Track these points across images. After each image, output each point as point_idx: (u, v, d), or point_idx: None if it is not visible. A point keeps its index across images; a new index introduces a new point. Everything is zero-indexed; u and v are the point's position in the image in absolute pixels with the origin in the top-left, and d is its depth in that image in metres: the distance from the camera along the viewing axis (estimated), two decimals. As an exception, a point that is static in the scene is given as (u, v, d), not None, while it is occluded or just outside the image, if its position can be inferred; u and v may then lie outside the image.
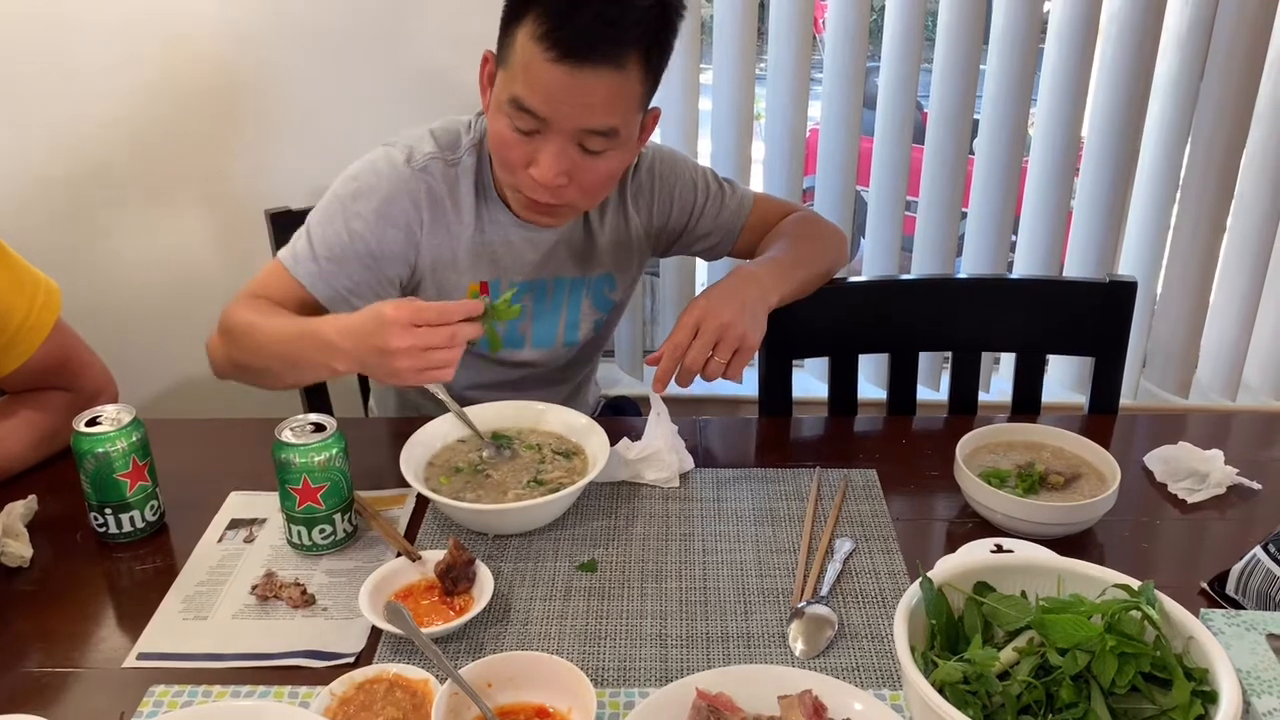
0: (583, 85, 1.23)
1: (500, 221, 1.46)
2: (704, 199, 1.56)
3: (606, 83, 1.24)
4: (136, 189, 2.15)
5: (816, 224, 1.59)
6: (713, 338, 1.30)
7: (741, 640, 1.08)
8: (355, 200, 1.39)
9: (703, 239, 1.60)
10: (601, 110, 1.26)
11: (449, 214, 1.43)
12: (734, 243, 1.61)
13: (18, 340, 1.35)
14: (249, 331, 1.33)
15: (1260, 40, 2.03)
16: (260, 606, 1.13)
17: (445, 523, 1.27)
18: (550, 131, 1.27)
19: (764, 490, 1.34)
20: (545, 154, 1.28)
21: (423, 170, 1.41)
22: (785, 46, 2.08)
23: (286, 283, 1.39)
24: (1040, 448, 1.34)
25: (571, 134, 1.27)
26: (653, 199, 1.54)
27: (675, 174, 1.55)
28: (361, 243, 1.39)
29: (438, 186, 1.42)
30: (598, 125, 1.27)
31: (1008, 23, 2.05)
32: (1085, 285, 1.64)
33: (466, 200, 1.44)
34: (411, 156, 1.41)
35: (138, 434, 1.22)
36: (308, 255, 1.39)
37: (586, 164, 1.30)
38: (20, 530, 1.22)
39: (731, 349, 1.31)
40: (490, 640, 1.08)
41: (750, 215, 1.59)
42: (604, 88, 1.24)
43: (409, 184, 1.40)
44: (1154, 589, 0.90)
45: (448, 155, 1.43)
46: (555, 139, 1.27)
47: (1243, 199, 2.21)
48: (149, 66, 2.05)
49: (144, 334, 2.24)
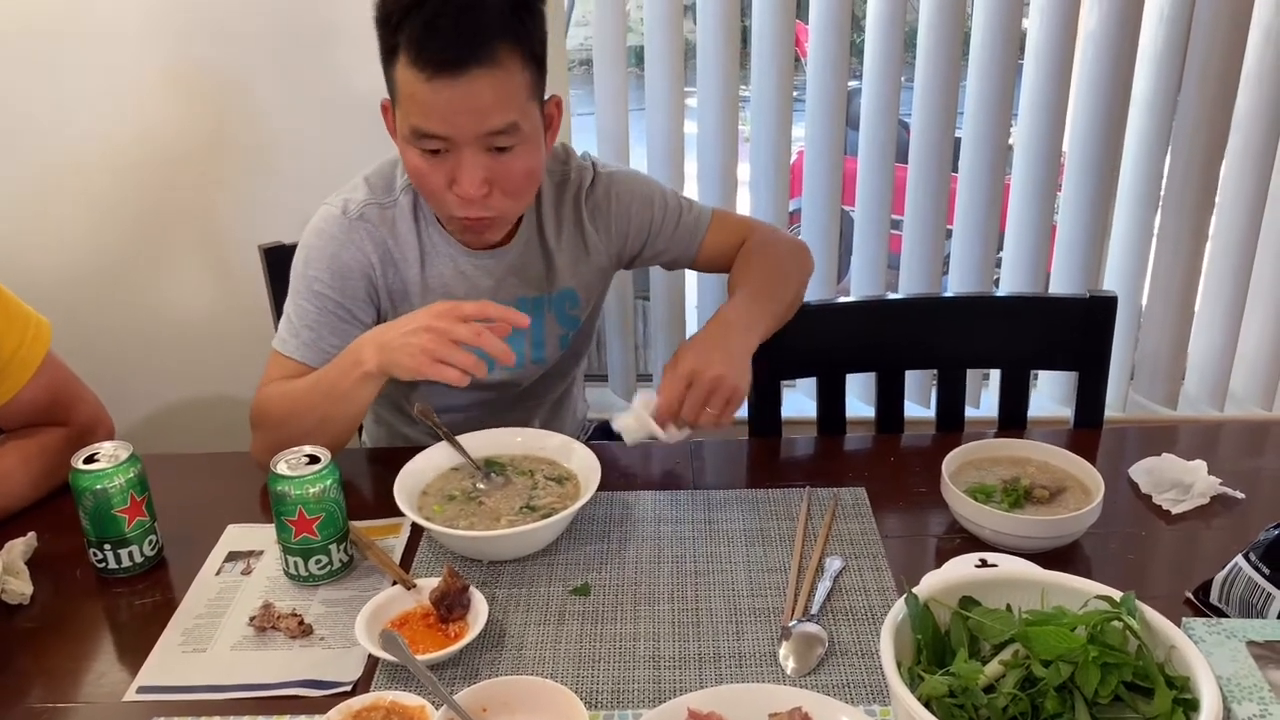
0: (467, 93, 1.27)
1: (447, 253, 1.50)
2: (660, 216, 1.61)
3: (487, 82, 1.28)
4: (130, 224, 2.18)
5: (777, 247, 1.62)
6: (706, 391, 1.33)
7: (733, 660, 1.09)
8: (309, 266, 1.46)
9: (661, 254, 1.65)
10: (494, 111, 1.30)
11: (394, 254, 1.49)
12: (693, 258, 1.65)
13: (8, 373, 1.37)
14: (281, 398, 1.41)
15: (1235, 53, 2.07)
16: (258, 637, 1.15)
17: (440, 550, 1.29)
18: (457, 147, 1.32)
19: (755, 511, 1.36)
20: (461, 170, 1.33)
21: (359, 218, 1.47)
22: (768, 70, 2.11)
23: (285, 364, 1.46)
24: (1026, 462, 1.35)
25: (477, 142, 1.32)
26: (610, 217, 1.59)
27: (632, 193, 1.59)
28: (330, 303, 1.45)
29: (377, 231, 1.47)
30: (496, 125, 1.31)
31: (986, 40, 2.08)
32: (1066, 301, 1.67)
33: (408, 238, 1.49)
34: (346, 208, 1.47)
35: (135, 470, 1.24)
36: (292, 333, 1.46)
37: (502, 166, 1.35)
38: (20, 568, 1.23)
39: (725, 400, 1.34)
40: (485, 666, 1.09)
41: (707, 232, 1.63)
42: (487, 89, 1.28)
43: (351, 234, 1.46)
44: (1134, 599, 0.92)
45: (383, 199, 1.49)
46: (464, 152, 1.32)
47: (1224, 209, 2.23)
48: (143, 105, 2.08)
49: (140, 368, 2.26)
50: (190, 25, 2.03)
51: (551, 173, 1.55)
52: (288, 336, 1.46)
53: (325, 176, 1.64)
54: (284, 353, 1.46)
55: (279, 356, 1.47)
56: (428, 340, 1.25)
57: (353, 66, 2.04)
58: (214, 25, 2.03)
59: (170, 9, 2.01)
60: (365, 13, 1.31)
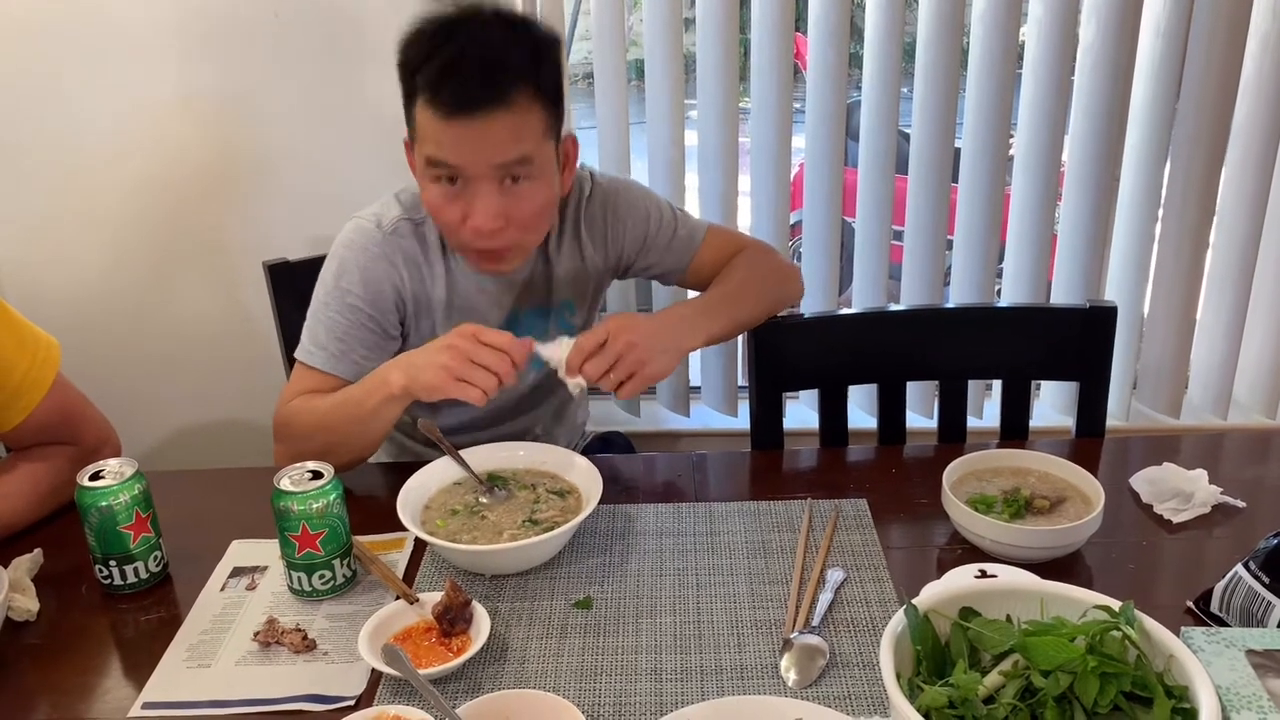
0: (480, 131, 1.32)
1: (469, 273, 1.53)
2: (655, 229, 1.63)
3: (502, 123, 1.32)
4: (136, 243, 2.19)
5: (762, 262, 1.64)
6: (615, 354, 1.36)
7: (735, 672, 1.10)
8: (340, 278, 1.48)
9: (654, 266, 1.66)
10: (508, 146, 1.34)
11: (422, 269, 1.51)
12: (684, 271, 1.66)
13: (20, 395, 1.38)
14: (308, 413, 1.43)
15: (1233, 61, 2.07)
16: (263, 653, 1.15)
17: (443, 565, 1.29)
18: (471, 180, 1.36)
19: (756, 523, 1.36)
20: (476, 202, 1.36)
21: (393, 233, 1.50)
22: (768, 82, 2.12)
23: (312, 376, 1.48)
24: (1027, 473, 1.36)
25: (491, 175, 1.35)
26: (605, 229, 1.61)
27: (628, 205, 1.61)
28: (362, 315, 1.47)
29: (409, 245, 1.50)
30: (509, 158, 1.35)
31: (984, 51, 2.09)
32: (1066, 311, 1.67)
33: (435, 256, 1.52)
34: (380, 223, 1.50)
35: (140, 486, 1.24)
36: (319, 345, 1.48)
37: (516, 200, 1.38)
38: (27, 584, 1.24)
39: (629, 370, 1.36)
40: (488, 680, 1.10)
41: (701, 247, 1.65)
42: (501, 128, 1.32)
43: (383, 247, 1.49)
44: (1133, 609, 0.92)
45: (414, 215, 1.51)
46: (479, 185, 1.36)
47: (1224, 217, 2.24)
48: (150, 125, 2.10)
49: (145, 385, 2.27)
50: (198, 45, 2.04)
51: None
52: (315, 349, 1.48)
53: (331, 195, 1.66)
54: (311, 365, 1.47)
55: (305, 369, 1.48)
56: (450, 359, 1.28)
57: (362, 85, 2.06)
58: (221, 45, 2.04)
59: (178, 29, 2.03)
60: (374, 32, 1.34)
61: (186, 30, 2.03)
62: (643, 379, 1.37)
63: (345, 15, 2.01)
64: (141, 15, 2.02)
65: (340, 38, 2.04)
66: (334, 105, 2.09)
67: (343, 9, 2.01)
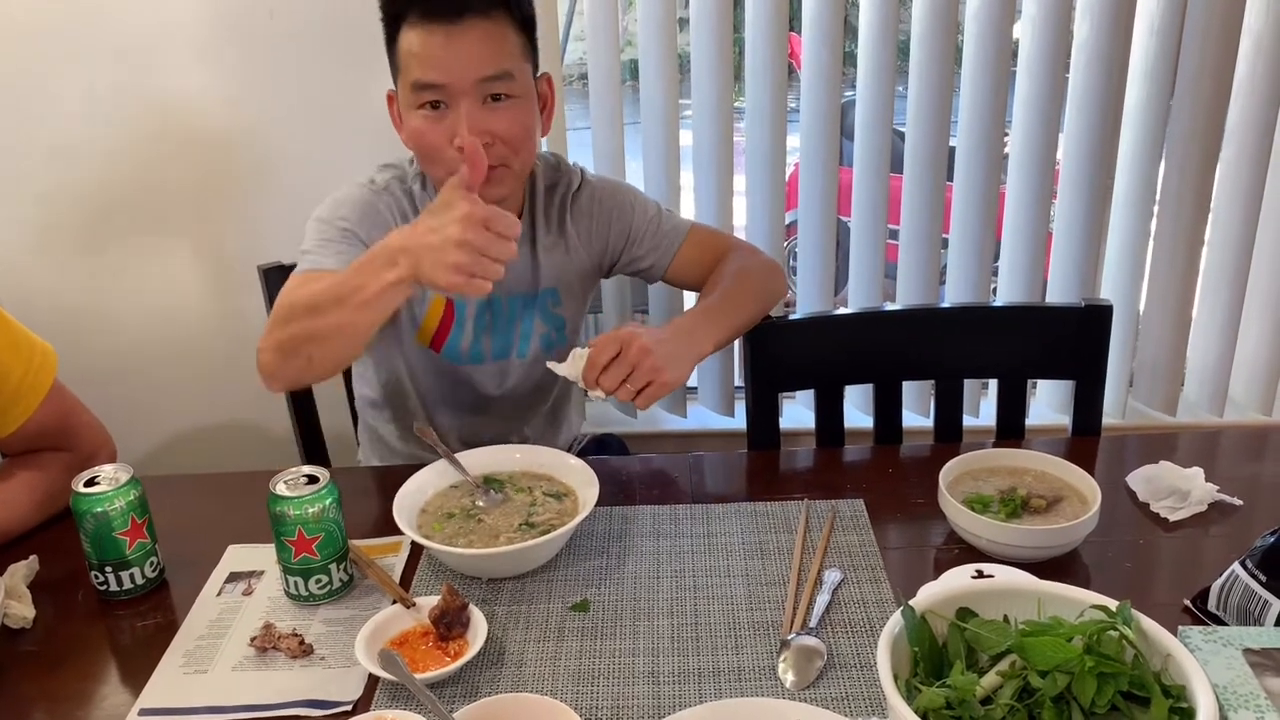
0: (462, 39, 1.37)
1: None
2: (641, 222, 1.65)
3: (482, 31, 1.38)
4: (130, 246, 2.19)
5: (753, 262, 1.65)
6: (630, 364, 1.35)
7: (732, 674, 1.10)
8: (337, 209, 1.50)
9: (639, 260, 1.68)
10: (489, 58, 1.38)
11: None
12: (667, 267, 1.68)
13: (16, 401, 1.37)
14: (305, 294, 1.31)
15: (1227, 60, 2.07)
16: (259, 658, 1.15)
17: (439, 568, 1.29)
18: (454, 97, 1.39)
19: (753, 524, 1.36)
20: (460, 120, 1.39)
21: (384, 189, 1.54)
22: (762, 81, 2.12)
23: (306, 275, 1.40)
24: (1023, 472, 1.36)
25: (473, 91, 1.39)
26: (592, 222, 1.64)
27: (614, 200, 1.65)
28: (355, 239, 1.47)
29: (400, 202, 1.54)
30: (491, 72, 1.39)
31: (978, 49, 2.09)
32: (1061, 310, 1.67)
33: None
34: (373, 182, 1.55)
35: (135, 492, 1.24)
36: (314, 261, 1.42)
37: (500, 117, 1.41)
38: (23, 591, 1.24)
39: (646, 379, 1.36)
40: (485, 683, 1.10)
41: (685, 244, 1.66)
42: (482, 36, 1.38)
43: (377, 201, 1.53)
44: (1130, 608, 0.92)
45: (401, 176, 1.56)
46: (462, 102, 1.39)
47: (1219, 215, 2.24)
48: (142, 128, 2.09)
49: (140, 392, 2.27)
50: (193, 46, 2.04)
51: (543, 176, 1.61)
52: (308, 262, 1.43)
53: (324, 199, 1.65)
54: (306, 266, 1.42)
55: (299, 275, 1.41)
56: (464, 257, 1.18)
57: (355, 89, 2.05)
58: (214, 48, 2.04)
59: (170, 32, 2.03)
60: (367, 34, 1.35)
61: (182, 32, 2.03)
62: (660, 386, 1.37)
63: (341, 16, 2.01)
64: (137, 18, 2.01)
65: (335, 39, 2.03)
66: (331, 109, 2.08)
67: (339, 9, 2.01)
